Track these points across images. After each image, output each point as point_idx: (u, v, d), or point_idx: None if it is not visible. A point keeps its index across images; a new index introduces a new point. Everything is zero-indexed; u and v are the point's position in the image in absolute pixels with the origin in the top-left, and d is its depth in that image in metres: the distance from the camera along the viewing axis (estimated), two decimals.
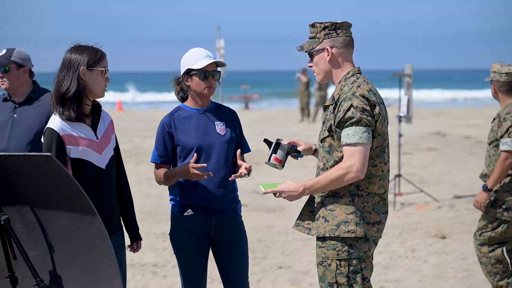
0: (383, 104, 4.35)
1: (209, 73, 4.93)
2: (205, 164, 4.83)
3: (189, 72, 4.95)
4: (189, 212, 4.97)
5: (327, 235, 4.29)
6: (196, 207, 4.96)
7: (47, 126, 4.51)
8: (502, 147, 6.53)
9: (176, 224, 5.03)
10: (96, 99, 4.63)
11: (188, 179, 4.90)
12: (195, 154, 4.88)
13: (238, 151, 4.99)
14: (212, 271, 7.22)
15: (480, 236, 6.77)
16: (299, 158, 4.77)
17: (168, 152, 4.98)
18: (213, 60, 4.93)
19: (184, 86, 5.04)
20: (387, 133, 4.36)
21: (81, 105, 4.53)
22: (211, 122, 5.01)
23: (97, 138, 4.58)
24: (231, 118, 5.10)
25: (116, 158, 4.74)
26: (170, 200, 5.08)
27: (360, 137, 4.17)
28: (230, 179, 4.95)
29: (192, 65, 4.93)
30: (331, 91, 27.88)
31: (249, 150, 5.19)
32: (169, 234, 5.08)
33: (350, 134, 4.19)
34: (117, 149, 4.75)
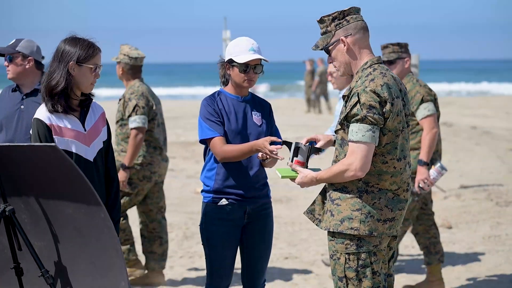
0: (399, 97, 4.20)
1: (250, 67, 4.91)
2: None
3: (231, 62, 4.94)
4: (223, 202, 4.95)
5: (331, 229, 4.24)
6: (230, 196, 4.95)
7: (34, 116, 4.49)
8: (131, 125, 6.92)
9: (209, 215, 5.00)
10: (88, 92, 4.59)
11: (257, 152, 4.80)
12: (282, 144, 4.72)
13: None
14: None
15: None
16: (321, 153, 4.66)
17: (222, 121, 4.93)
18: (256, 57, 4.89)
19: (226, 73, 5.04)
20: (405, 127, 4.23)
21: (69, 99, 4.49)
22: (249, 110, 5.02)
23: (85, 130, 4.54)
24: (266, 110, 5.10)
25: (107, 151, 4.67)
26: (202, 191, 5.04)
27: (363, 136, 4.09)
28: (258, 157, 4.86)
29: (235, 56, 4.91)
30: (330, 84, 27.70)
31: (280, 143, 5.11)
32: (199, 225, 5.07)
33: (354, 130, 4.12)
34: (108, 141, 4.68)
